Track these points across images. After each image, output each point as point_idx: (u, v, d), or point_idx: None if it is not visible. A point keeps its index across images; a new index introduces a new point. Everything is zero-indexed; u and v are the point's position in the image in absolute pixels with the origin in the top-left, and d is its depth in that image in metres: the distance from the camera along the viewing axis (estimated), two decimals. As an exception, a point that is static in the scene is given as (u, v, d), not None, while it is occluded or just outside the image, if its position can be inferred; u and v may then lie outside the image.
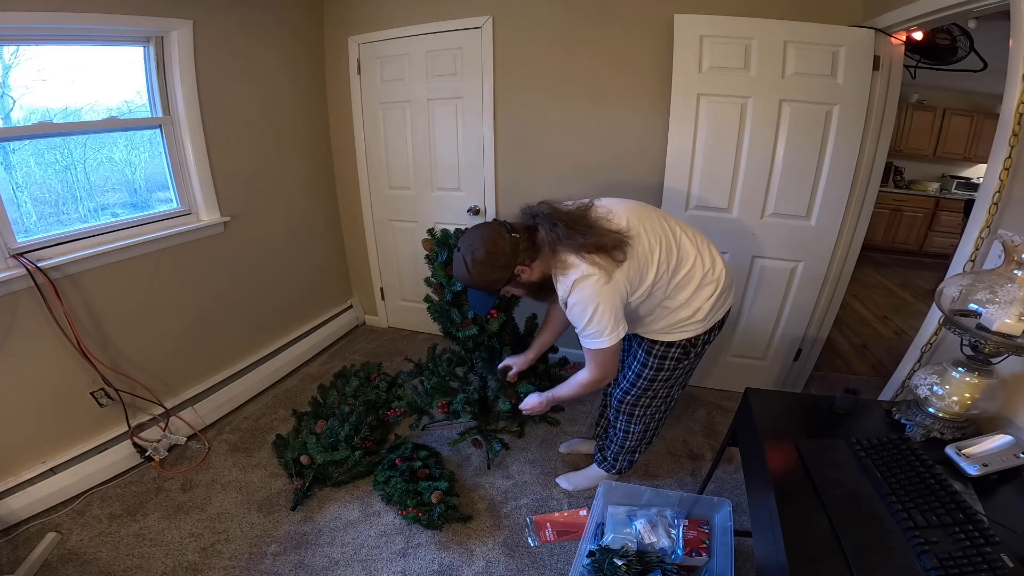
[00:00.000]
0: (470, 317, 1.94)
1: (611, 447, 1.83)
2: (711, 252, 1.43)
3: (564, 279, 1.28)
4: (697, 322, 1.43)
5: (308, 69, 2.69)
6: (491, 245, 1.28)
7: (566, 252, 1.28)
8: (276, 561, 1.63)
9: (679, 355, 1.50)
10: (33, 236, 1.74)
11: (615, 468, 1.87)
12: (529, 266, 1.33)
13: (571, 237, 1.26)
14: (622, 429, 1.75)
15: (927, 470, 0.94)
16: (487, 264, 1.28)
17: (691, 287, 1.39)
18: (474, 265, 1.29)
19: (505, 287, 1.36)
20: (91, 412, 1.91)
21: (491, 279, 1.31)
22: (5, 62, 1.69)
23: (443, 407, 1.94)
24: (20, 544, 1.63)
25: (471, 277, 1.32)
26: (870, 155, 2.03)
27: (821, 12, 1.91)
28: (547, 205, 1.34)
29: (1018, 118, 1.21)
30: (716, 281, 1.41)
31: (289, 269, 2.77)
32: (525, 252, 1.31)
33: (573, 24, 2.23)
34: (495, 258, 1.28)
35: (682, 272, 1.37)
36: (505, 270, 1.30)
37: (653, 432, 1.77)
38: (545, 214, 1.31)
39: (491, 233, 1.30)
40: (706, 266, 1.40)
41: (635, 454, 1.82)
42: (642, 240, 1.32)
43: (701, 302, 1.41)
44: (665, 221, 1.40)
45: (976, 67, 2.27)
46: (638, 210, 1.39)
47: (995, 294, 0.99)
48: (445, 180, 2.76)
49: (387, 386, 2.37)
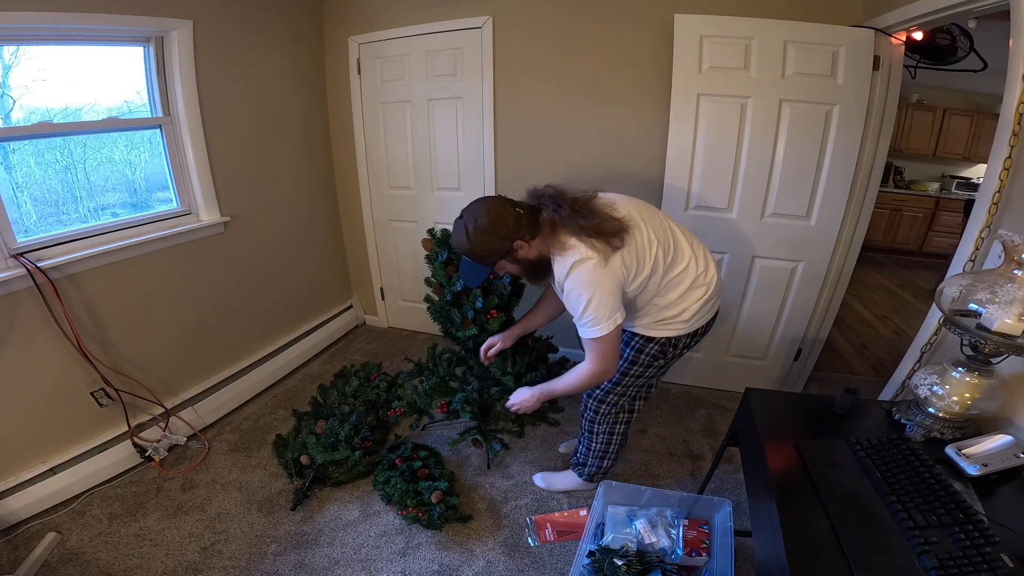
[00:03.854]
0: (470, 317, 1.93)
1: (579, 451, 1.86)
2: (706, 256, 1.44)
3: (562, 260, 1.28)
4: (681, 323, 1.43)
5: (308, 69, 2.69)
6: (495, 214, 1.28)
7: (566, 233, 1.28)
8: (276, 561, 1.63)
9: (656, 352, 1.49)
10: (33, 236, 1.74)
11: (586, 474, 1.87)
12: (528, 243, 1.31)
13: (573, 219, 1.27)
14: (586, 430, 1.77)
15: (927, 470, 0.94)
16: (489, 232, 1.28)
17: (682, 287, 1.39)
18: (476, 232, 1.29)
19: (501, 261, 1.34)
20: (91, 412, 1.91)
21: (490, 249, 1.30)
22: (5, 62, 1.69)
23: (442, 407, 1.94)
24: (20, 544, 1.63)
25: (470, 244, 1.31)
26: (870, 155, 2.03)
27: (821, 12, 1.91)
28: (552, 188, 1.35)
29: (1018, 118, 1.21)
30: (707, 284, 1.41)
31: (289, 269, 2.77)
32: (526, 228, 1.30)
33: (573, 24, 2.23)
34: (498, 227, 1.27)
35: (676, 270, 1.37)
36: (505, 241, 1.29)
37: (621, 436, 1.78)
38: (550, 195, 1.33)
39: (496, 203, 1.30)
40: (700, 268, 1.40)
41: (604, 459, 1.81)
42: (642, 230, 1.32)
43: (689, 303, 1.40)
44: (664, 220, 1.42)
45: (976, 67, 2.27)
46: (639, 205, 1.41)
47: (995, 294, 0.99)
48: (445, 180, 2.76)
49: (387, 386, 2.37)
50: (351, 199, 3.05)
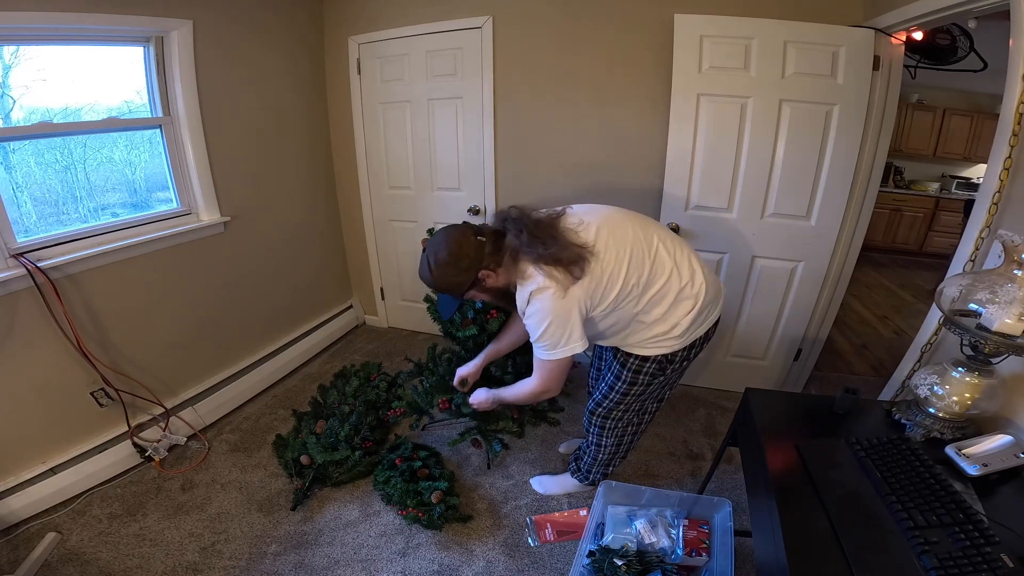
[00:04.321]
0: (470, 317, 1.94)
1: (585, 458, 1.80)
2: (691, 266, 1.36)
3: (522, 289, 1.28)
4: (674, 338, 1.38)
5: (308, 69, 2.69)
6: (455, 247, 1.28)
7: (526, 261, 1.26)
8: (276, 561, 1.63)
9: (654, 370, 1.46)
10: (33, 236, 1.74)
11: (588, 480, 1.84)
12: (495, 271, 1.31)
13: (532, 246, 1.24)
14: (594, 442, 1.72)
15: (927, 470, 0.94)
16: (450, 266, 1.28)
17: (666, 302, 1.34)
18: (437, 267, 1.29)
19: (470, 291, 1.35)
20: (91, 412, 1.91)
21: (453, 282, 1.30)
22: (5, 62, 1.69)
23: (444, 404, 1.94)
24: (20, 544, 1.63)
25: (433, 279, 1.31)
26: (870, 155, 2.03)
27: (821, 12, 1.90)
28: (517, 210, 1.33)
29: (1018, 118, 1.21)
30: (694, 297, 1.35)
31: (289, 269, 2.77)
32: (491, 257, 1.29)
33: (573, 24, 2.23)
34: (458, 260, 1.27)
35: (656, 287, 1.32)
36: (468, 273, 1.29)
37: (628, 446, 1.73)
38: (514, 218, 1.31)
39: (457, 235, 1.30)
40: (683, 280, 1.34)
41: (609, 467, 1.78)
42: (608, 255, 1.28)
43: (678, 318, 1.35)
44: (643, 230, 1.35)
45: (976, 67, 2.27)
46: (613, 220, 1.36)
47: (995, 294, 0.99)
48: (445, 180, 2.76)
49: (387, 386, 2.37)
50: (351, 199, 3.05)
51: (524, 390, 1.48)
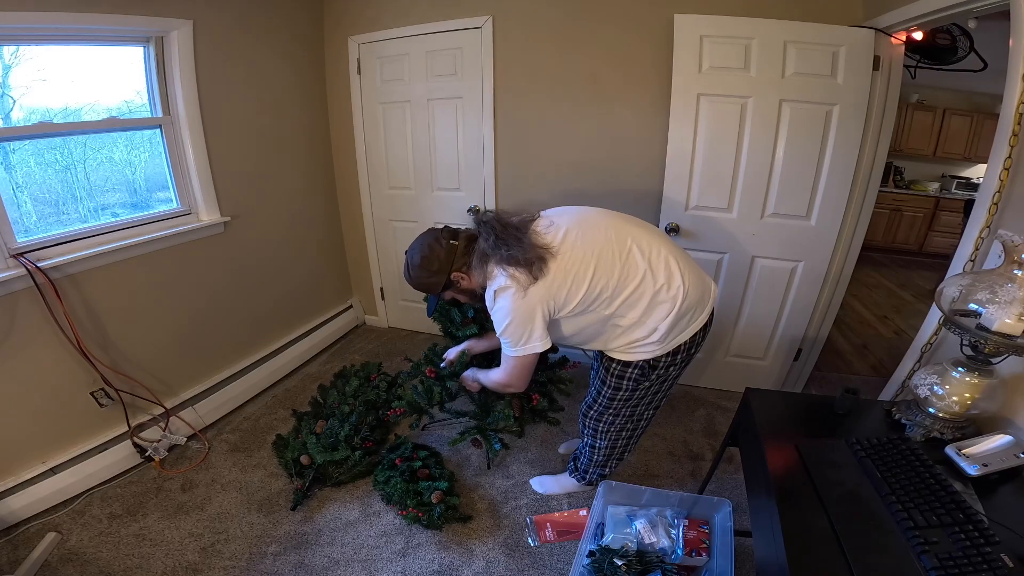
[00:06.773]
0: (470, 316, 1.94)
1: (581, 459, 1.81)
2: (669, 268, 1.32)
3: (488, 288, 1.35)
4: (654, 343, 1.36)
5: (308, 69, 2.69)
6: (426, 250, 1.39)
7: (492, 263, 1.33)
8: (276, 561, 1.63)
9: (637, 376, 1.45)
10: (33, 236, 1.74)
11: (585, 480, 1.85)
12: (467, 274, 1.39)
13: (497, 248, 1.30)
14: (588, 443, 1.73)
15: (927, 470, 0.94)
16: (422, 269, 1.39)
17: (641, 305, 1.32)
18: (412, 268, 1.42)
19: (446, 292, 1.45)
20: (91, 412, 1.91)
21: (427, 283, 1.42)
22: (5, 62, 1.69)
23: (430, 372, 1.93)
24: (20, 544, 1.63)
25: (411, 279, 1.44)
26: (870, 155, 2.03)
27: (821, 12, 1.90)
28: (492, 214, 1.39)
29: (1018, 118, 1.21)
30: (672, 300, 1.31)
31: (289, 269, 2.77)
32: (462, 259, 1.38)
33: (573, 24, 2.23)
34: (429, 263, 1.38)
35: (628, 289, 1.31)
36: (439, 275, 1.39)
37: (623, 449, 1.73)
38: (485, 222, 1.36)
39: (429, 239, 1.41)
40: (658, 283, 1.31)
41: (605, 468, 1.77)
42: (572, 256, 1.29)
43: (656, 322, 1.33)
44: (616, 232, 1.34)
45: (976, 67, 2.27)
46: (587, 222, 1.37)
47: (995, 294, 0.99)
48: (445, 180, 2.76)
49: (387, 386, 2.36)
50: (351, 199, 3.05)
51: (492, 378, 1.54)
